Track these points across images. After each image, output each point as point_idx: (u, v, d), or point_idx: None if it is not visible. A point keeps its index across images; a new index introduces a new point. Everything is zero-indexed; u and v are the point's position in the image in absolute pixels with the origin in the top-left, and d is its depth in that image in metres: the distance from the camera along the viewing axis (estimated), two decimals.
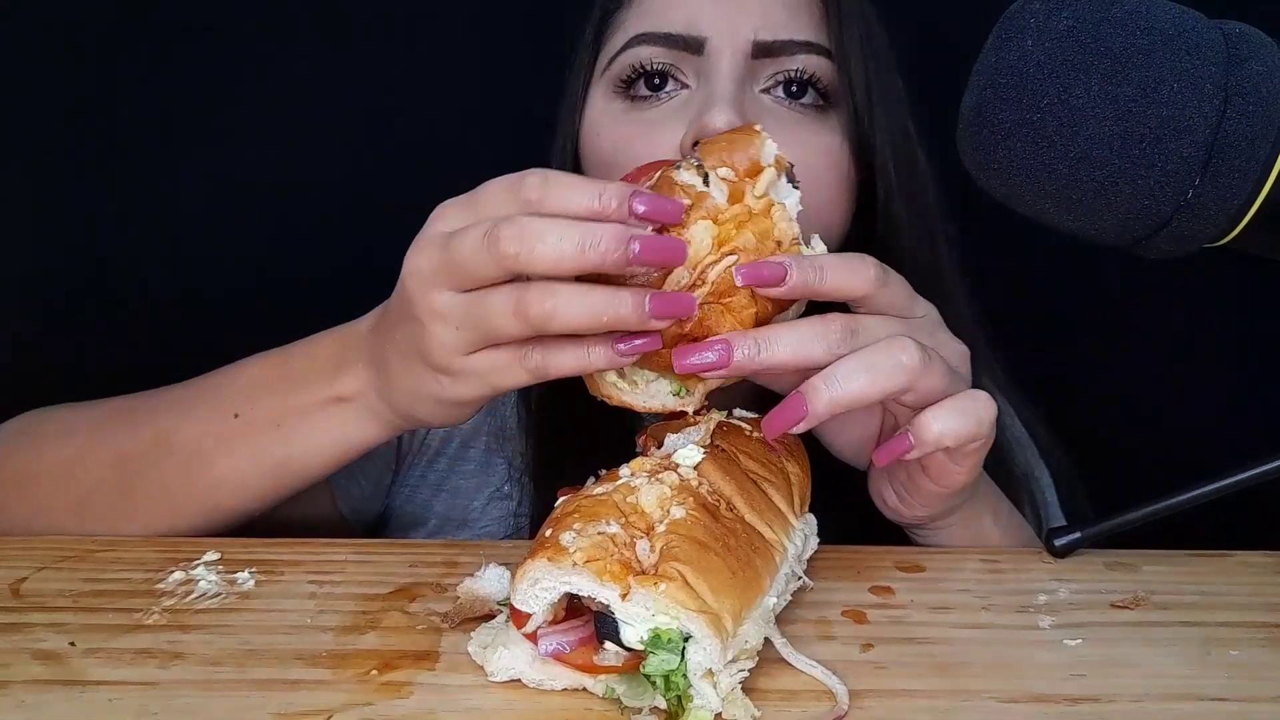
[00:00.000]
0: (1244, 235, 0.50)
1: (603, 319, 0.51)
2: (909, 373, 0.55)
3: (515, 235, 0.50)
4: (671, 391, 0.57)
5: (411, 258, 0.55)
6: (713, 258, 0.53)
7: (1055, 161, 0.49)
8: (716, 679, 0.47)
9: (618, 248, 0.50)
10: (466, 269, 0.52)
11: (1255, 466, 0.59)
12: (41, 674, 0.50)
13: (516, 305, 0.52)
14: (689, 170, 0.54)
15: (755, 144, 0.55)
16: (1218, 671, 0.52)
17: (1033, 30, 0.49)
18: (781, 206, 0.55)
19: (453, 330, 0.54)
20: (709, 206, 0.53)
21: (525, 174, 0.53)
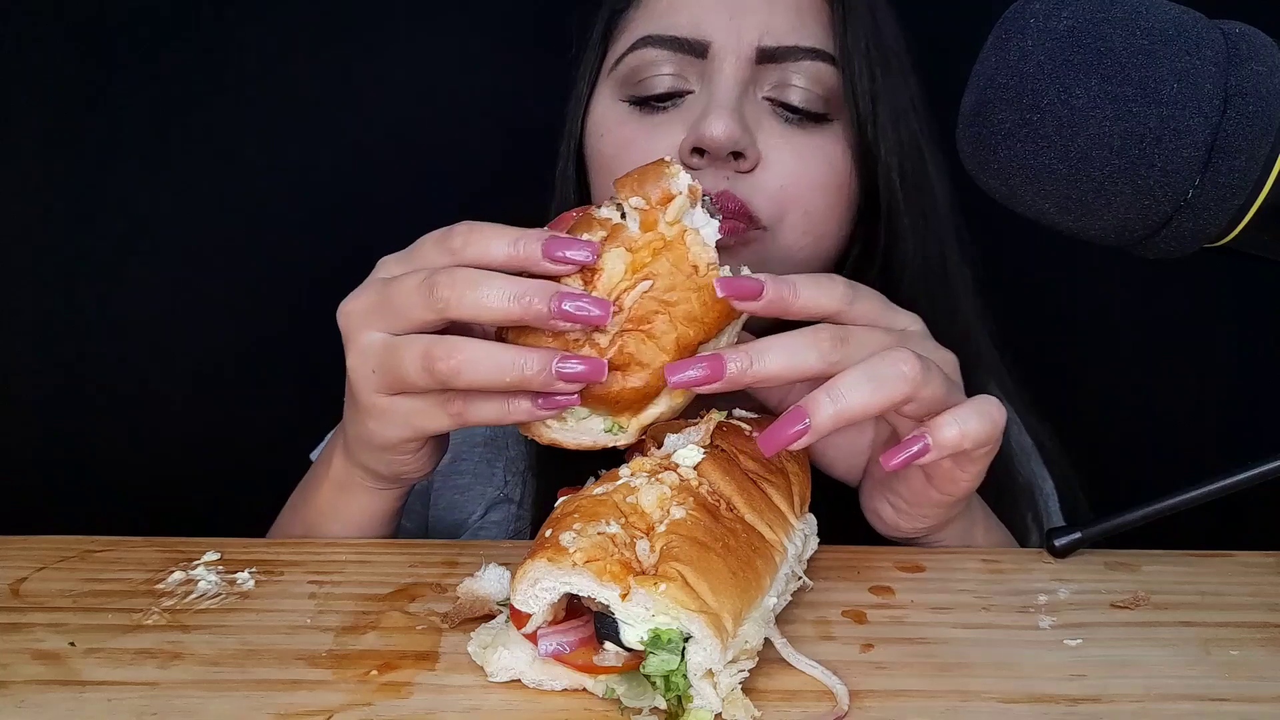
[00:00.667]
0: (1244, 235, 0.50)
1: (506, 379, 0.53)
2: (911, 382, 0.55)
3: (449, 282, 0.53)
4: (604, 429, 0.57)
5: (348, 300, 0.59)
6: (626, 284, 0.54)
7: (1055, 161, 0.49)
8: (716, 679, 0.47)
9: (541, 303, 0.52)
10: (398, 310, 0.55)
11: (1255, 467, 0.59)
12: (41, 674, 0.50)
13: (424, 357, 0.54)
14: (608, 207, 0.56)
15: (666, 175, 0.56)
16: (1218, 671, 0.52)
17: (1033, 30, 0.49)
18: (695, 232, 0.55)
19: (370, 370, 0.57)
20: (623, 237, 0.55)
21: (454, 226, 0.56)
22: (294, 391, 1.02)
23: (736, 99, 0.73)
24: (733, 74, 0.73)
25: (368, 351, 0.57)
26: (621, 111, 0.77)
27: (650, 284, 0.54)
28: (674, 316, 0.54)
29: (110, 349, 1.07)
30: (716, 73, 0.74)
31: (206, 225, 1.06)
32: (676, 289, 0.54)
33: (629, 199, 0.55)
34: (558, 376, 0.53)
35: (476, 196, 1.05)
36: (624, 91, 0.77)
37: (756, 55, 0.74)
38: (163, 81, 1.03)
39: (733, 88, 0.73)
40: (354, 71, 1.06)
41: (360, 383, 0.58)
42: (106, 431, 1.09)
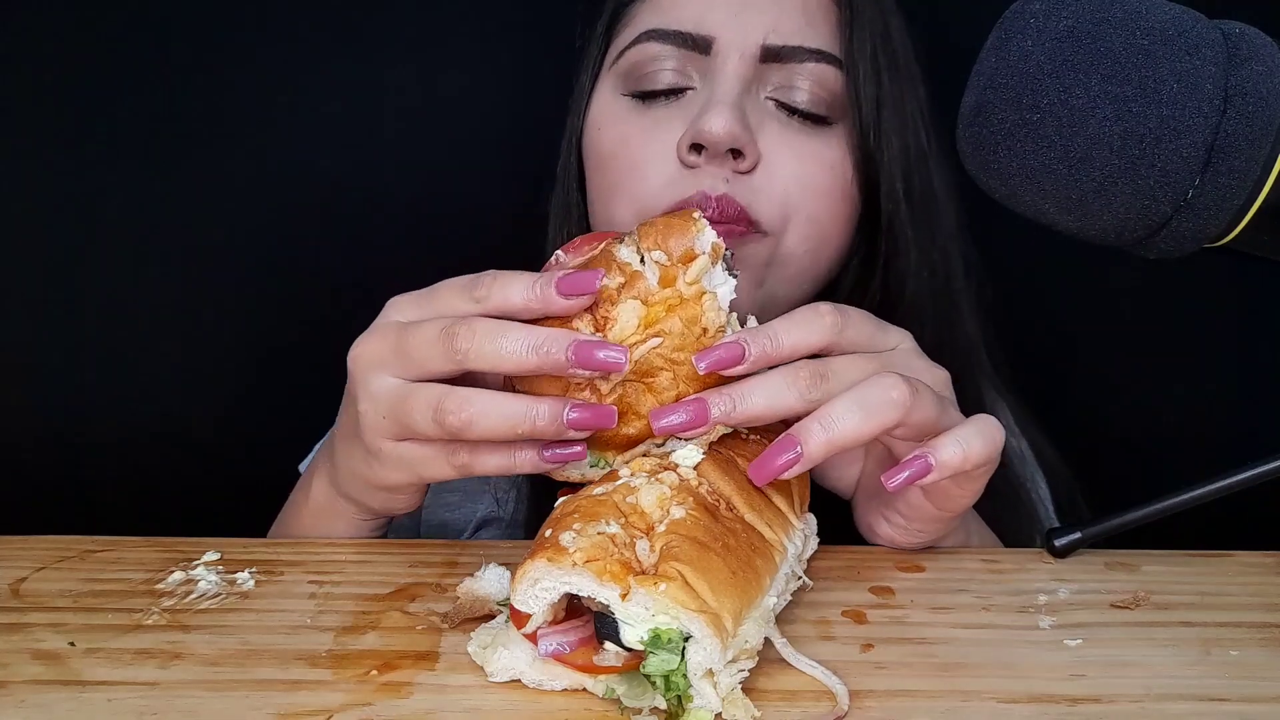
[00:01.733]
0: (1244, 235, 0.50)
1: (518, 430, 0.54)
2: (900, 408, 0.55)
3: (468, 334, 0.54)
4: (591, 464, 0.57)
5: (361, 342, 0.58)
6: (637, 338, 0.54)
7: (1055, 162, 0.49)
8: (716, 679, 0.47)
9: (559, 352, 0.53)
10: (415, 358, 0.55)
11: (1255, 467, 0.58)
12: (41, 674, 0.50)
13: (436, 410, 0.54)
14: (629, 246, 0.55)
15: (692, 231, 0.55)
16: (1218, 671, 0.52)
17: (1033, 30, 0.49)
18: (712, 295, 0.55)
19: (380, 416, 0.57)
20: (640, 288, 0.54)
21: (481, 275, 0.57)
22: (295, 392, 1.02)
23: (738, 96, 0.72)
24: (735, 71, 0.73)
25: (379, 397, 0.57)
26: (622, 106, 0.77)
27: (660, 341, 0.54)
28: (678, 375, 0.55)
29: (111, 349, 1.07)
30: (719, 69, 0.73)
31: (209, 227, 1.06)
32: (685, 349, 0.54)
33: (651, 250, 0.55)
34: (569, 425, 0.53)
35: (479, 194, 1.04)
36: (625, 86, 0.77)
37: (761, 54, 0.73)
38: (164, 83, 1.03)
39: (735, 85, 0.72)
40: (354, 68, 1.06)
41: (369, 428, 0.58)
42: (107, 432, 1.09)
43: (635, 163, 0.75)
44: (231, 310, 1.08)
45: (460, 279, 0.58)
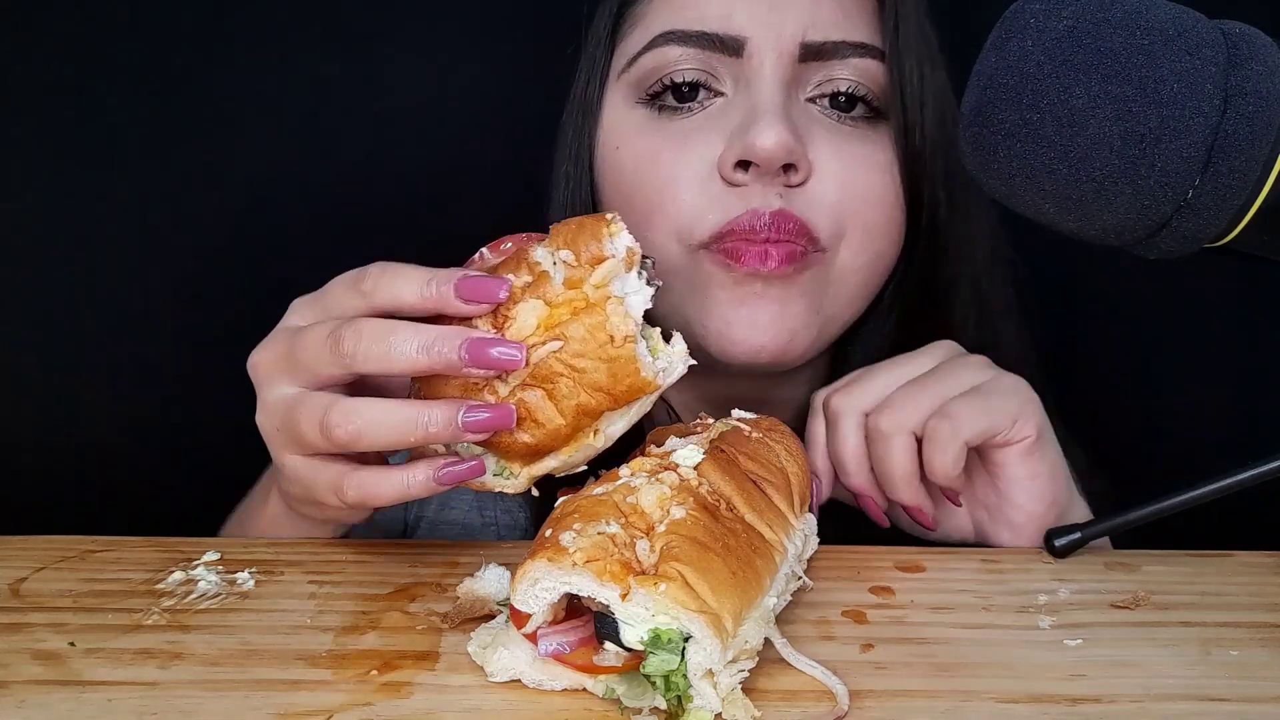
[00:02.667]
0: (1244, 235, 0.50)
1: (410, 438, 0.51)
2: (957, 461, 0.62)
3: (355, 335, 0.51)
4: (494, 471, 0.55)
5: (258, 350, 0.56)
6: (537, 339, 0.51)
7: (1055, 161, 0.49)
8: (716, 679, 0.47)
9: (451, 350, 0.50)
10: (303, 364, 0.53)
11: (1255, 467, 0.58)
12: (41, 674, 0.50)
13: (322, 422, 0.51)
14: (544, 249, 0.53)
15: (604, 233, 0.52)
16: (1218, 672, 0.52)
17: (1033, 30, 0.49)
18: (619, 301, 0.52)
19: (275, 429, 0.55)
20: (545, 288, 0.52)
21: (367, 268, 0.54)
22: None
23: (783, 103, 0.67)
24: (775, 74, 0.67)
25: (274, 408, 0.54)
26: (640, 119, 0.71)
27: (560, 345, 0.51)
28: (579, 383, 0.52)
29: (110, 349, 1.07)
30: (756, 73, 0.67)
31: (205, 225, 1.06)
32: (586, 356, 0.51)
33: (559, 250, 0.52)
34: (464, 428, 0.51)
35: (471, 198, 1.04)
36: (640, 95, 0.71)
37: (800, 52, 0.67)
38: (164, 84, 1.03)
39: (778, 90, 0.67)
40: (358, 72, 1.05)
41: (270, 442, 0.56)
42: (106, 431, 1.09)
43: (668, 182, 0.69)
44: (232, 310, 1.08)
45: (349, 274, 0.55)
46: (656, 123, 0.70)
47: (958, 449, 0.62)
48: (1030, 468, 0.64)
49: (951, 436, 0.61)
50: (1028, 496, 0.64)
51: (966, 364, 0.66)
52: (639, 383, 0.52)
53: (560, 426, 0.52)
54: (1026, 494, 0.64)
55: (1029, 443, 0.63)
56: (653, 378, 0.52)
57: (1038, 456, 0.64)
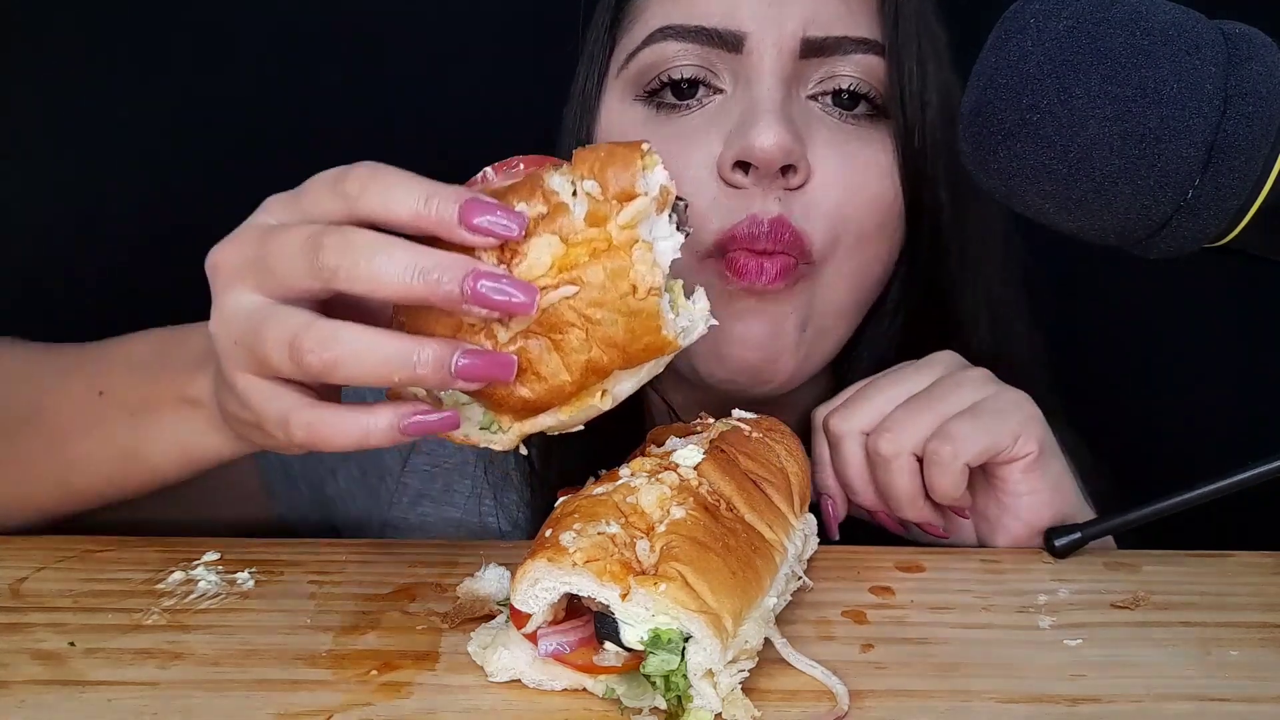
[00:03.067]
0: (1244, 235, 0.50)
1: (395, 376, 0.44)
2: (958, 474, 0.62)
3: (341, 246, 0.44)
4: (481, 424, 0.49)
5: (220, 247, 0.48)
6: (549, 281, 0.45)
7: (1055, 162, 0.49)
8: (716, 679, 0.47)
9: (451, 282, 0.43)
10: (275, 272, 0.46)
11: (1255, 466, 0.58)
12: (41, 674, 0.50)
13: (293, 345, 0.44)
14: (562, 176, 0.46)
15: (637, 165, 0.46)
16: (1218, 672, 0.52)
17: (1032, 30, 0.49)
18: (647, 246, 0.46)
19: (231, 341, 0.47)
20: (562, 223, 0.45)
21: (351, 167, 0.46)
22: None
23: (783, 101, 0.65)
24: (775, 71, 0.65)
25: (233, 317, 0.47)
26: (638, 117, 0.69)
27: (575, 291, 0.45)
28: (592, 335, 0.45)
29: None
30: (756, 69, 0.66)
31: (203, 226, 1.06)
32: (604, 306, 0.45)
33: (583, 179, 0.46)
34: (457, 374, 0.44)
35: None
36: (640, 92, 0.69)
37: (801, 48, 0.66)
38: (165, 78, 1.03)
39: (778, 88, 0.65)
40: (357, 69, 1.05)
41: (222, 353, 0.48)
42: None
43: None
44: None
45: (330, 171, 0.47)
46: (655, 121, 0.69)
47: (959, 470, 0.62)
48: (1032, 483, 0.64)
49: (952, 459, 0.61)
50: (1031, 510, 0.64)
51: (966, 379, 0.65)
52: (658, 341, 0.46)
53: (565, 383, 0.46)
54: (1029, 508, 0.64)
55: (1031, 459, 0.63)
56: (673, 337, 0.47)
57: (1040, 472, 0.64)
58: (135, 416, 0.58)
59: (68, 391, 0.61)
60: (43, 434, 0.61)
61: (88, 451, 0.59)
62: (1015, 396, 0.64)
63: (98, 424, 0.59)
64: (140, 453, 0.58)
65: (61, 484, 0.61)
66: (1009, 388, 0.65)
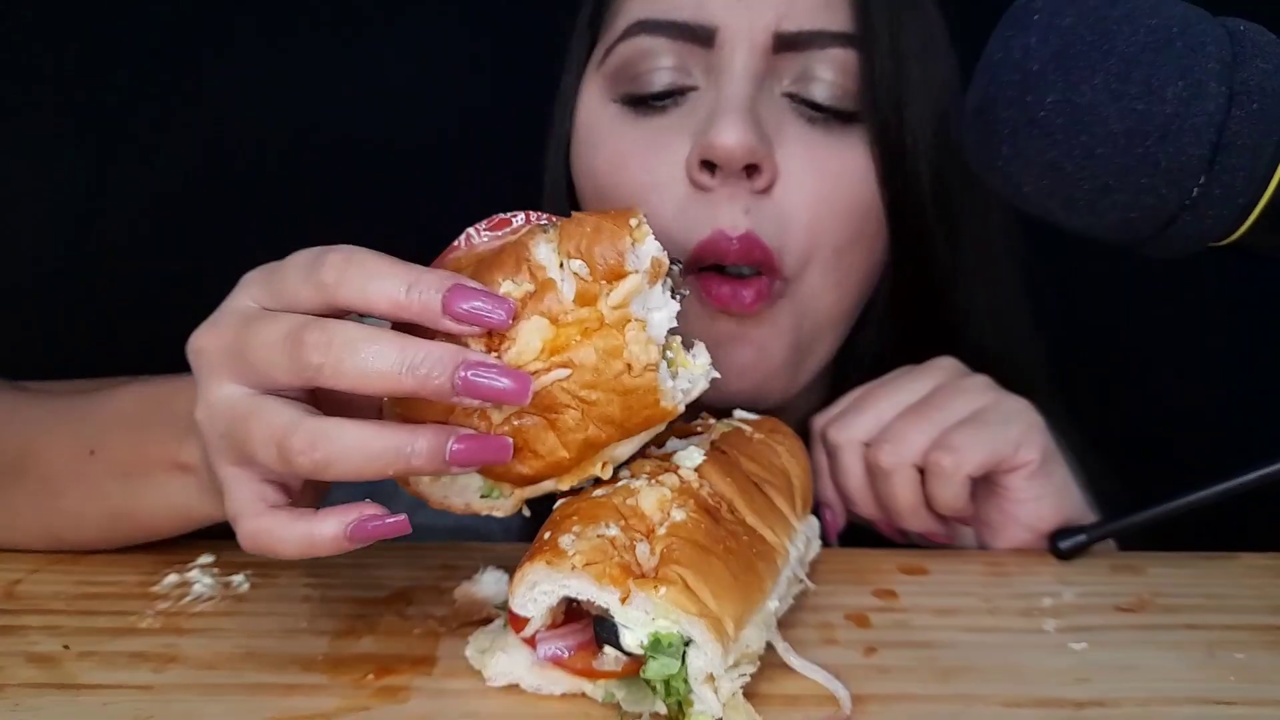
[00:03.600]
0: (1249, 234, 0.50)
1: (388, 471, 0.43)
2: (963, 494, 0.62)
3: (323, 343, 0.42)
4: (481, 493, 0.49)
5: (201, 333, 0.47)
6: (539, 364, 0.44)
7: (1059, 160, 0.48)
8: (717, 684, 0.46)
9: (442, 376, 0.42)
10: (257, 366, 0.44)
11: (1260, 468, 0.58)
12: (35, 677, 0.49)
13: (281, 445, 0.43)
14: (549, 245, 0.45)
15: (624, 242, 0.45)
16: (1223, 674, 0.51)
17: (1037, 28, 0.49)
18: (640, 324, 0.45)
19: (217, 435, 0.46)
20: (550, 302, 0.44)
21: (326, 252, 0.45)
22: None
23: (749, 97, 0.64)
24: (745, 66, 0.64)
25: (217, 408, 0.45)
26: (614, 116, 0.69)
27: (568, 374, 0.44)
28: (588, 415, 0.45)
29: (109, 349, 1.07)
30: (726, 65, 0.65)
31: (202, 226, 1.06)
32: (599, 387, 0.45)
33: (571, 258, 0.45)
34: (451, 460, 0.43)
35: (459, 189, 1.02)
36: (616, 89, 0.69)
37: (774, 43, 0.65)
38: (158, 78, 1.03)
39: (745, 83, 0.64)
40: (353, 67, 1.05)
41: (207, 445, 0.47)
42: None
43: (639, 188, 0.67)
44: None
45: (305, 254, 0.45)
46: (629, 121, 0.68)
47: (960, 482, 0.62)
48: (1035, 490, 0.63)
49: (954, 470, 0.61)
50: (1033, 518, 0.64)
51: (966, 387, 0.64)
52: (657, 413, 0.46)
53: (563, 459, 0.46)
54: (1032, 515, 0.64)
55: (1033, 466, 0.63)
56: (673, 405, 0.46)
57: (1042, 480, 0.63)
58: (128, 478, 0.57)
59: (56, 445, 0.59)
60: (31, 484, 0.59)
61: (78, 508, 0.59)
62: (1016, 404, 0.64)
63: (89, 482, 0.58)
64: (134, 513, 0.58)
65: (50, 533, 0.60)
66: (1009, 395, 0.65)
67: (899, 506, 0.64)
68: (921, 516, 0.64)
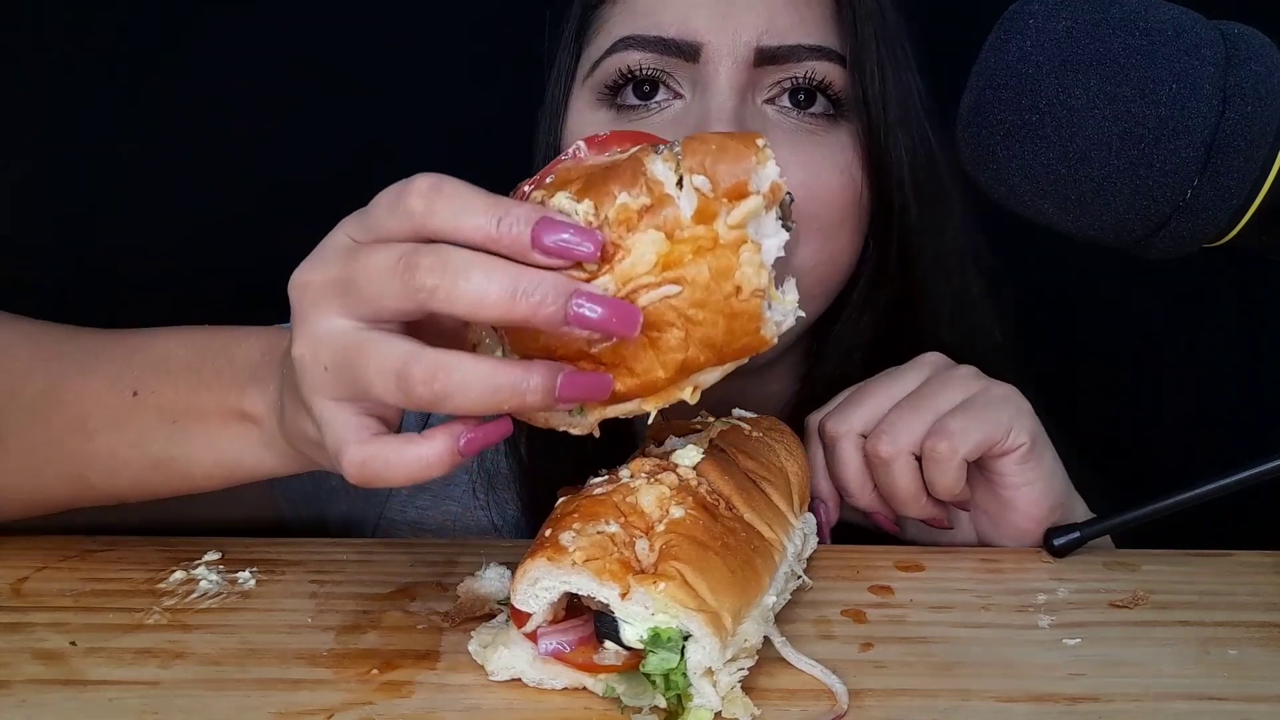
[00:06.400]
0: (1243, 235, 0.50)
1: (504, 406, 0.43)
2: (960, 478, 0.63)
3: (438, 266, 0.42)
4: (571, 411, 0.48)
5: (304, 268, 0.46)
6: (651, 278, 0.43)
7: (1054, 162, 0.49)
8: (716, 678, 0.47)
9: (555, 304, 0.42)
10: (367, 294, 0.44)
11: (1255, 466, 0.58)
12: (42, 673, 0.50)
13: (401, 375, 0.43)
14: (667, 163, 0.44)
15: (749, 160, 0.44)
16: (1217, 671, 0.52)
17: (1032, 31, 0.49)
18: (755, 247, 0.44)
19: (321, 367, 0.45)
20: (668, 216, 0.44)
21: (411, 181, 0.44)
22: None
23: (735, 109, 0.66)
24: (729, 80, 0.67)
25: (323, 341, 0.45)
26: (601, 122, 0.70)
27: (678, 291, 0.44)
28: (690, 336, 0.44)
29: None
30: (711, 78, 0.67)
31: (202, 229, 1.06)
32: (706, 307, 0.44)
33: (693, 174, 0.44)
34: (560, 398, 0.43)
35: None
36: (604, 98, 0.70)
37: (755, 57, 0.67)
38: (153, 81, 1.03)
39: (730, 97, 0.67)
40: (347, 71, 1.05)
41: (306, 379, 0.46)
42: None
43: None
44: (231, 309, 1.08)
45: (391, 189, 0.45)
46: (615, 123, 0.70)
47: (958, 466, 0.63)
48: (1028, 474, 0.65)
49: (950, 454, 0.62)
50: (1028, 501, 0.65)
51: (956, 376, 0.66)
52: (755, 341, 0.45)
53: (658, 379, 0.45)
54: (1027, 499, 0.65)
55: (1025, 449, 0.64)
56: (771, 336, 0.45)
57: (1034, 462, 0.64)
58: (175, 424, 0.55)
59: (92, 384, 0.58)
60: (60, 423, 0.57)
61: (114, 452, 0.57)
62: (1004, 390, 0.66)
63: (129, 426, 0.56)
64: (176, 461, 0.56)
65: (76, 479, 0.58)
66: (996, 382, 0.66)
67: (901, 494, 0.65)
68: (922, 503, 0.65)
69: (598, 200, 0.44)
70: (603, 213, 0.44)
